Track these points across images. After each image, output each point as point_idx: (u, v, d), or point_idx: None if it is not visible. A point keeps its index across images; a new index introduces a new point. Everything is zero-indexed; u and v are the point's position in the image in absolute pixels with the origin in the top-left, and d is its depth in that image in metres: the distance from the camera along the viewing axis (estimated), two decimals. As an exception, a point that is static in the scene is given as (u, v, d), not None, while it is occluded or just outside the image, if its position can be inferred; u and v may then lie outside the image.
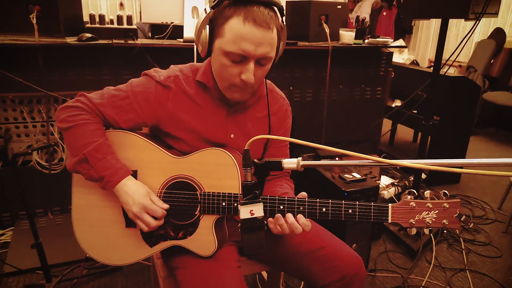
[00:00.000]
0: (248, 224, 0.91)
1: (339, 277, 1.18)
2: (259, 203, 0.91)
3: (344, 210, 1.03)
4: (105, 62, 2.32)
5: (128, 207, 1.09)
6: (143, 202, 1.08)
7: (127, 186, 1.09)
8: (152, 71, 1.19)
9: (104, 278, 1.95)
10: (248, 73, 1.05)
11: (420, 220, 0.99)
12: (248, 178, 0.91)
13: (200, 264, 1.15)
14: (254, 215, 0.91)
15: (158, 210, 1.10)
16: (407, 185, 2.89)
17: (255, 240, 0.91)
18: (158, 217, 1.10)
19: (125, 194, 1.09)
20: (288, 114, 1.34)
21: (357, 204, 1.02)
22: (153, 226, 1.09)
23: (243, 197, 0.91)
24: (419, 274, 2.10)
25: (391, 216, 1.00)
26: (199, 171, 1.14)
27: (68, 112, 1.12)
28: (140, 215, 1.08)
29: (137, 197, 1.08)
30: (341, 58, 2.73)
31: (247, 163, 0.90)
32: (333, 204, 1.03)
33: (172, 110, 1.17)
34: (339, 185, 1.96)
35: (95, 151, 1.08)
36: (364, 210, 1.02)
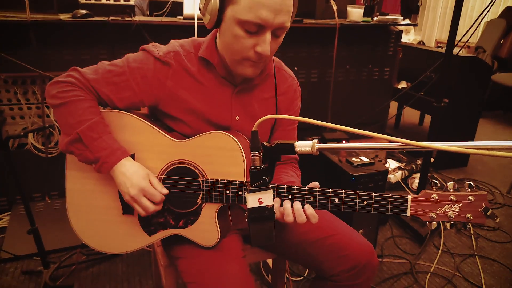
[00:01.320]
0: (256, 213, 0.83)
1: (350, 266, 1.12)
2: (269, 191, 0.83)
3: (359, 202, 0.95)
4: (101, 40, 2.21)
5: (124, 189, 1.01)
6: (142, 185, 1.00)
7: (125, 166, 1.01)
8: (150, 46, 1.10)
9: (103, 264, 1.90)
10: (264, 45, 0.95)
11: (442, 214, 0.92)
12: (256, 163, 0.83)
13: (202, 255, 1.08)
14: (263, 203, 0.82)
15: (157, 194, 1.02)
16: (414, 168, 2.82)
17: (264, 231, 0.84)
18: (156, 202, 1.02)
19: (122, 175, 1.01)
20: (297, 94, 1.26)
21: (373, 195, 0.94)
22: (151, 211, 1.02)
23: (251, 184, 0.82)
24: (427, 260, 2.04)
25: (410, 209, 0.93)
26: (201, 156, 1.06)
27: (59, 88, 1.03)
28: (138, 198, 1.00)
29: (135, 178, 1.00)
30: (348, 37, 2.62)
31: (256, 146, 0.81)
32: (346, 195, 0.96)
33: (172, 88, 1.08)
34: (346, 169, 1.88)
35: (90, 130, 1.00)
36: (381, 202, 0.94)
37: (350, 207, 0.96)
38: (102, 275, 1.84)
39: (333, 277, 1.15)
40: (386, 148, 0.77)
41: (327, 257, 1.15)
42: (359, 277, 1.13)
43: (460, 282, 1.88)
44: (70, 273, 1.82)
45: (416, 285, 1.85)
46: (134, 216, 1.10)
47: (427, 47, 3.63)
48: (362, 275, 1.13)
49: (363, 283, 1.14)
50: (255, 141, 0.81)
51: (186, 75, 1.09)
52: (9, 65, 2.01)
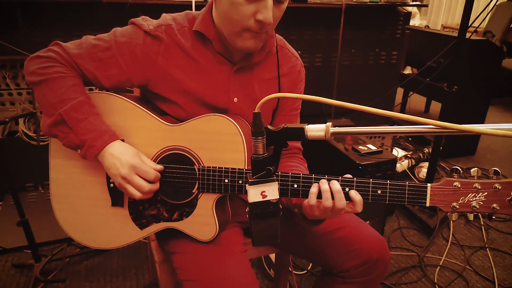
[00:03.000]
0: (259, 209, 0.72)
1: (361, 261, 1.03)
2: (273, 183, 0.71)
3: (372, 191, 0.86)
4: (93, 21, 2.09)
5: (114, 171, 0.90)
6: (133, 162, 0.90)
7: (113, 147, 0.92)
8: (140, 19, 0.99)
9: (98, 257, 1.81)
10: (266, 12, 0.85)
11: (465, 203, 0.82)
12: (259, 151, 0.71)
13: (199, 250, 0.99)
14: (267, 197, 0.71)
15: (150, 171, 0.92)
16: (421, 157, 2.72)
17: (268, 229, 0.73)
18: (150, 180, 0.92)
19: (110, 157, 0.91)
20: (301, 76, 1.15)
21: (388, 183, 0.85)
22: (146, 190, 0.91)
23: (253, 175, 0.72)
24: (436, 252, 1.96)
25: (430, 199, 0.83)
26: (197, 141, 0.96)
27: (39, 63, 0.93)
28: (130, 177, 0.90)
29: (125, 157, 0.90)
30: (355, 19, 2.49)
31: (258, 130, 0.70)
32: (358, 183, 0.86)
33: (164, 66, 0.97)
34: (353, 158, 1.78)
35: (74, 110, 0.90)
36: (397, 190, 0.84)
37: (363, 196, 0.87)
38: (96, 268, 1.76)
39: (342, 272, 1.06)
40: (415, 132, 0.66)
41: (336, 251, 1.06)
42: (371, 273, 1.05)
43: (471, 276, 1.80)
44: (62, 266, 1.74)
45: (425, 279, 1.77)
46: (124, 208, 1.01)
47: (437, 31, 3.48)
48: (374, 271, 1.04)
49: (375, 279, 1.06)
50: (257, 125, 0.70)
51: (179, 51, 0.98)
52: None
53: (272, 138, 0.74)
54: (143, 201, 1.00)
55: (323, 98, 0.67)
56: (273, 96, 0.70)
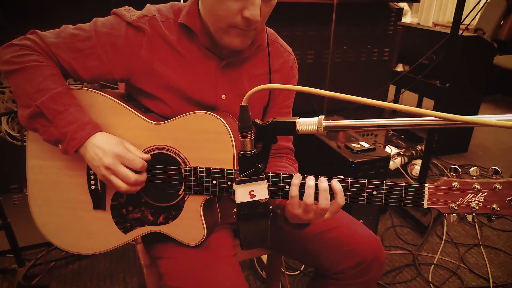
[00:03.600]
0: (247, 209, 0.67)
1: (355, 262, 1.00)
2: (262, 181, 0.67)
3: (367, 192, 0.82)
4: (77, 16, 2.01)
5: (97, 162, 0.84)
6: (117, 150, 0.84)
7: (94, 137, 0.85)
8: (122, 9, 0.94)
9: (84, 261, 1.76)
10: (254, 8, 0.81)
11: (463, 204, 0.79)
12: (246, 147, 0.66)
13: (187, 255, 0.94)
14: (255, 197, 0.66)
15: (136, 159, 0.86)
16: (414, 154, 2.70)
17: (257, 231, 0.68)
18: (137, 169, 0.86)
19: (92, 147, 0.84)
20: (294, 72, 1.11)
21: (384, 184, 0.81)
22: (132, 180, 0.84)
23: (240, 173, 0.67)
24: (430, 250, 1.93)
25: (428, 200, 0.80)
26: (183, 140, 0.91)
27: (14, 52, 0.87)
28: (114, 167, 0.83)
29: (108, 146, 0.84)
30: (346, 15, 2.45)
31: (245, 124, 0.65)
32: (353, 184, 0.82)
33: (147, 59, 0.92)
34: (345, 156, 1.75)
35: (53, 101, 0.84)
36: (393, 191, 0.81)
37: (357, 198, 0.83)
38: (83, 272, 1.70)
39: (335, 274, 1.03)
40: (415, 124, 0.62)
41: (329, 252, 1.02)
42: (366, 274, 1.01)
43: (465, 274, 1.78)
44: (47, 270, 1.68)
45: (420, 277, 1.74)
46: (107, 211, 0.96)
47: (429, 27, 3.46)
48: (368, 272, 1.01)
49: (369, 281, 1.02)
50: (244, 119, 0.65)
51: (163, 44, 0.93)
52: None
53: (261, 133, 0.69)
54: (127, 204, 0.95)
55: (317, 90, 0.63)
56: (262, 87, 0.66)
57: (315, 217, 0.83)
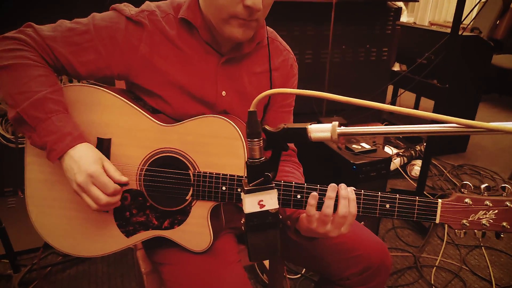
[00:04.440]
0: (256, 220, 0.63)
1: (361, 268, 0.98)
2: (272, 191, 0.63)
3: (380, 205, 0.80)
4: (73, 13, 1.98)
5: (70, 176, 0.81)
6: (91, 170, 0.80)
7: (74, 149, 0.81)
8: (122, 5, 0.92)
9: (81, 265, 1.72)
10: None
11: (475, 221, 0.79)
12: (255, 154, 0.63)
13: (192, 261, 0.92)
14: (265, 207, 0.63)
15: (109, 184, 0.81)
16: (413, 155, 2.69)
17: (266, 242, 0.65)
18: (108, 194, 0.82)
19: (69, 159, 0.81)
20: (294, 71, 1.09)
21: (397, 197, 0.79)
22: (103, 203, 0.81)
23: (248, 182, 0.64)
24: (431, 252, 1.92)
25: (440, 216, 0.79)
26: (193, 144, 0.89)
27: (5, 45, 0.82)
28: (86, 186, 0.80)
29: (83, 162, 0.80)
30: (345, 14, 2.43)
31: (254, 131, 0.62)
32: (366, 197, 0.80)
33: (146, 54, 0.90)
34: (346, 157, 1.73)
35: (34, 108, 0.79)
36: (406, 205, 0.80)
37: (369, 210, 0.82)
38: (80, 277, 1.66)
39: (341, 280, 1.01)
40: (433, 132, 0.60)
41: (335, 258, 1.00)
42: (372, 280, 0.99)
43: (467, 276, 1.76)
44: (44, 275, 1.64)
45: (422, 280, 1.73)
46: (109, 214, 0.93)
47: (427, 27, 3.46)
48: (375, 278, 0.99)
49: (376, 287, 1.00)
50: (253, 125, 0.62)
51: (163, 39, 0.91)
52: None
53: (271, 140, 0.66)
54: (131, 207, 0.92)
55: (327, 94, 0.60)
56: (272, 92, 0.63)
57: (332, 228, 0.80)
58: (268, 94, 0.61)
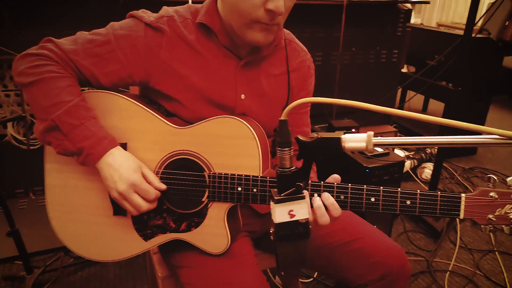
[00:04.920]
0: (286, 230, 0.62)
1: (380, 275, 0.96)
2: (303, 201, 0.62)
3: (400, 201, 0.79)
4: (84, 17, 1.99)
5: (111, 184, 0.83)
6: (133, 179, 0.83)
7: (112, 156, 0.83)
8: (139, 12, 0.92)
9: (93, 267, 1.72)
10: (277, 0, 0.79)
11: (502, 216, 0.76)
12: (286, 164, 0.62)
13: (210, 263, 0.91)
14: (295, 217, 0.62)
15: (151, 191, 0.85)
16: (424, 157, 2.67)
17: (295, 252, 0.64)
18: (150, 200, 0.85)
19: (108, 167, 0.83)
20: (311, 72, 1.09)
21: (418, 192, 0.78)
22: (144, 209, 0.84)
23: (279, 192, 0.63)
24: (444, 256, 1.90)
25: (464, 210, 0.77)
26: (208, 146, 0.88)
27: (30, 62, 0.84)
28: (128, 194, 0.83)
29: (124, 171, 0.82)
30: (355, 16, 2.42)
31: (285, 140, 0.61)
32: (385, 193, 0.79)
33: (166, 60, 0.90)
34: (359, 161, 1.72)
35: (68, 115, 0.81)
36: (427, 201, 0.78)
37: (390, 207, 0.80)
38: (92, 279, 1.66)
39: (359, 287, 0.99)
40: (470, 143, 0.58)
41: (353, 264, 0.99)
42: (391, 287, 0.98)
43: (482, 282, 1.74)
44: (56, 277, 1.64)
45: (435, 285, 1.71)
46: (127, 218, 0.93)
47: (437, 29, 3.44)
48: (394, 285, 0.98)
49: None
50: (284, 134, 0.61)
51: (182, 44, 0.91)
52: (-18, 47, 1.79)
53: (304, 150, 0.65)
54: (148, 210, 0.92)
55: (364, 104, 0.59)
56: (305, 100, 0.61)
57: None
58: (302, 103, 0.61)
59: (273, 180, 0.86)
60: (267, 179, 0.86)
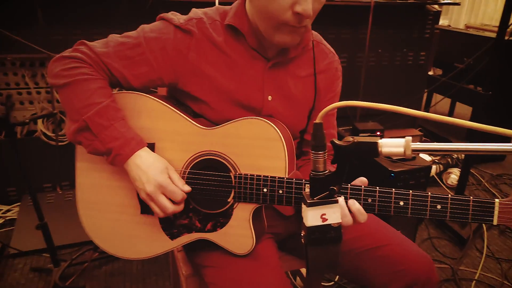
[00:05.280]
0: (318, 234, 0.62)
1: (406, 283, 0.94)
2: (335, 205, 0.62)
3: (431, 205, 0.77)
4: (114, 18, 2.04)
5: (139, 185, 0.85)
6: (160, 180, 0.84)
7: (140, 158, 0.85)
8: (169, 14, 0.94)
9: (117, 262, 1.76)
10: (305, 3, 0.79)
11: None
12: (319, 167, 0.61)
13: (235, 264, 0.91)
14: (327, 221, 0.62)
15: (177, 192, 0.86)
16: (450, 162, 2.60)
17: (326, 256, 0.63)
18: (177, 201, 0.86)
19: (137, 169, 0.85)
20: (338, 74, 1.08)
21: (449, 197, 0.76)
22: (170, 211, 0.86)
23: (311, 195, 0.62)
24: (470, 265, 1.85)
25: (498, 216, 0.75)
26: (234, 146, 0.89)
27: (64, 65, 0.86)
28: (155, 196, 0.85)
29: (152, 173, 0.84)
30: (382, 17, 2.39)
31: (320, 144, 0.60)
32: (415, 196, 0.77)
33: (195, 62, 0.91)
34: (384, 165, 1.69)
35: (99, 116, 0.84)
36: (459, 206, 0.76)
37: (419, 211, 0.79)
38: (116, 274, 1.70)
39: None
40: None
41: (379, 271, 0.97)
42: (417, 297, 0.95)
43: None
44: (81, 271, 1.68)
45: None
46: (154, 217, 0.94)
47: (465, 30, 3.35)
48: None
49: (420, 304, 0.96)
50: (319, 137, 0.60)
51: (210, 46, 0.92)
52: (16, 45, 1.85)
53: (339, 154, 0.64)
54: (174, 210, 0.94)
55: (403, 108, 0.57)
56: (343, 103, 0.60)
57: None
58: (337, 106, 0.60)
59: (299, 181, 0.86)
60: (293, 180, 0.86)
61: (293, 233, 1.08)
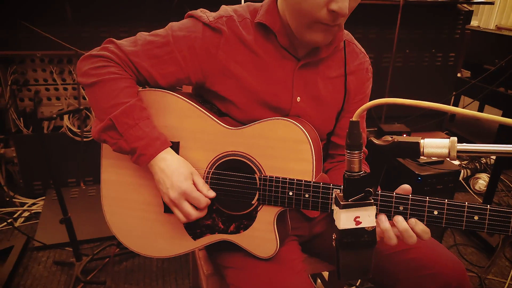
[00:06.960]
0: (351, 237, 0.59)
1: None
2: (370, 207, 0.59)
3: (467, 216, 0.73)
4: (140, 16, 2.05)
5: (163, 189, 0.84)
6: (184, 187, 0.83)
7: (165, 162, 0.84)
8: (198, 11, 0.92)
9: (137, 258, 1.77)
10: (342, 1, 0.75)
11: None
12: (354, 168, 0.58)
13: (258, 267, 0.89)
14: (361, 224, 0.59)
15: (201, 199, 0.85)
16: (478, 167, 2.52)
17: (358, 261, 0.60)
18: (200, 208, 0.85)
19: (161, 172, 0.84)
20: (369, 75, 1.04)
21: (488, 208, 0.72)
22: (193, 218, 0.85)
23: (345, 197, 0.59)
24: (498, 274, 1.78)
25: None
26: (260, 148, 0.87)
27: (92, 63, 0.87)
28: (179, 202, 0.84)
29: (176, 178, 0.83)
30: (410, 17, 2.32)
31: (356, 143, 0.57)
32: (450, 206, 0.73)
33: (224, 61, 0.89)
34: (411, 168, 1.64)
35: (125, 115, 0.83)
36: (499, 217, 0.72)
37: (455, 222, 0.74)
38: (136, 270, 1.71)
39: (410, 300, 0.94)
40: None
41: (406, 274, 0.93)
42: (446, 304, 0.91)
43: (542, 304, 1.61)
44: (102, 266, 1.70)
45: (489, 304, 1.60)
46: (178, 216, 0.93)
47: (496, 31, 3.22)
48: (450, 302, 0.91)
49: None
50: (355, 136, 0.57)
51: (240, 45, 0.90)
52: (45, 42, 1.89)
53: (378, 153, 0.61)
54: (197, 210, 0.93)
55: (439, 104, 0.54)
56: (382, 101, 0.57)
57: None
58: (377, 104, 0.57)
59: (326, 186, 0.83)
60: (320, 185, 0.83)
61: (317, 234, 1.06)
